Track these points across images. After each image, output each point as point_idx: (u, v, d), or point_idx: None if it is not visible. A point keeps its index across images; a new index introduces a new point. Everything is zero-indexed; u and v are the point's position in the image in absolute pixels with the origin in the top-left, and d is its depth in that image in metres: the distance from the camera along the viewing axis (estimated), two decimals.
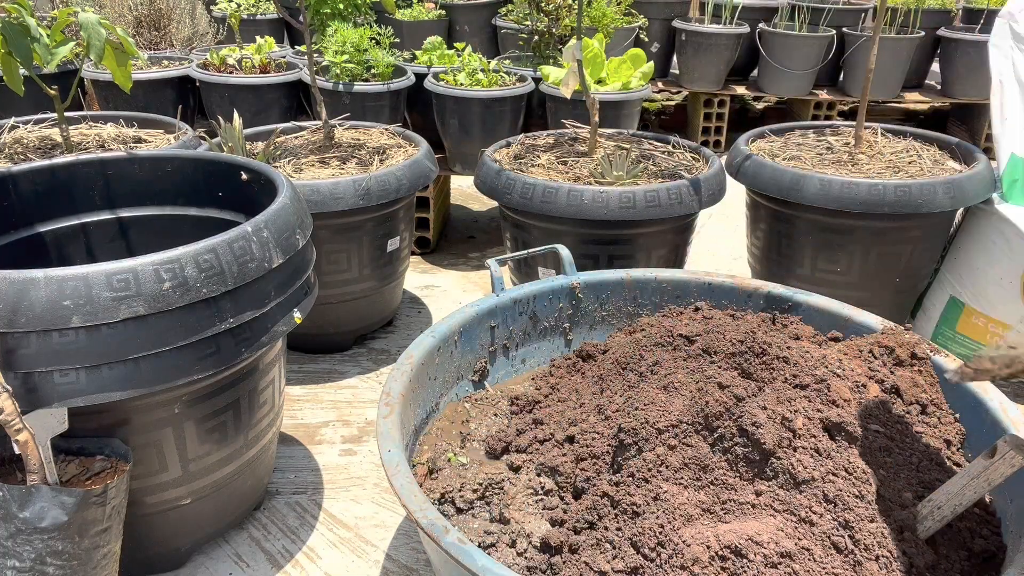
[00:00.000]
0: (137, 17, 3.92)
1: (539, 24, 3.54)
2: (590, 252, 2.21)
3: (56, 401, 1.23)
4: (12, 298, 1.18)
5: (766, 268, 2.48)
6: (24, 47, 1.78)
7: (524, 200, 2.16)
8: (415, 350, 1.44)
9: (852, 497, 1.12)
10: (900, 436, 1.28)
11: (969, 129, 4.83)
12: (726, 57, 4.48)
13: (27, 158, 2.18)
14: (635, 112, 3.25)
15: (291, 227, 1.50)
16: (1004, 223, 2.21)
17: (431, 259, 3.21)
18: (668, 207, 2.11)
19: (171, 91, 3.36)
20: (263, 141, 2.51)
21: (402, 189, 2.24)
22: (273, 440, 1.73)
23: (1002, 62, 2.46)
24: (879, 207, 2.11)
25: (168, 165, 1.84)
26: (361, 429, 2.10)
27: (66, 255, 1.79)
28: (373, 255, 2.32)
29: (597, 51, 3.11)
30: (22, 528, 1.19)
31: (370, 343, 2.53)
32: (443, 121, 3.15)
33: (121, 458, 1.35)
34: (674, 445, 1.21)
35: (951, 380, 1.10)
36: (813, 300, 1.62)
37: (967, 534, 1.14)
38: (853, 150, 2.45)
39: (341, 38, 3.11)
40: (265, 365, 1.56)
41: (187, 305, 1.29)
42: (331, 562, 1.66)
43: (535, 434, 1.41)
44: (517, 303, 1.67)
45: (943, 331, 2.40)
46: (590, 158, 2.46)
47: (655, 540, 1.07)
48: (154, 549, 1.56)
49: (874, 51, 2.33)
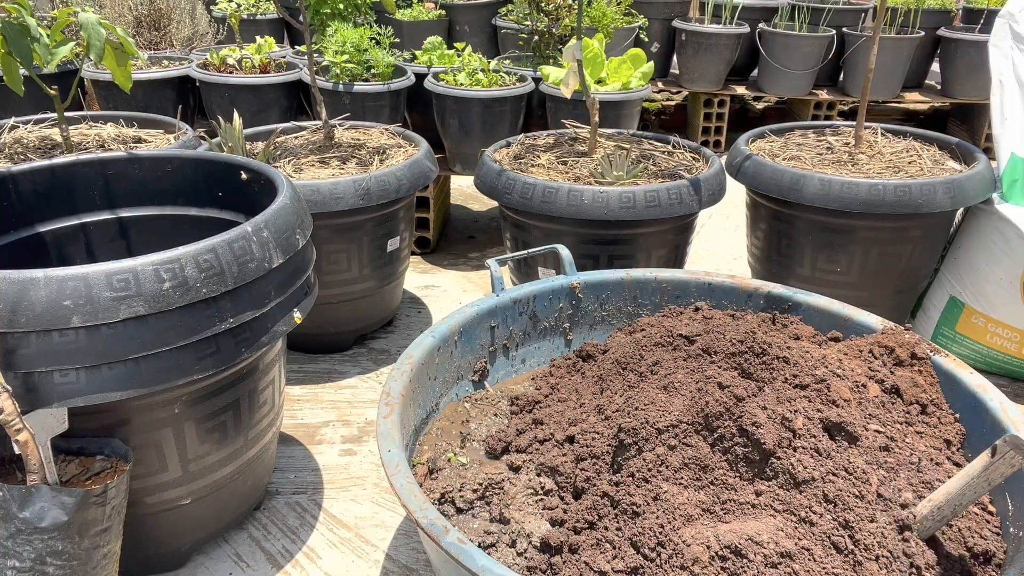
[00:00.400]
0: (137, 17, 3.93)
1: (539, 24, 3.54)
2: (590, 252, 2.21)
3: (56, 401, 1.23)
4: (12, 298, 1.18)
5: (766, 268, 2.48)
6: (24, 47, 1.78)
7: (524, 200, 2.16)
8: (415, 350, 1.44)
9: (852, 497, 1.12)
10: (900, 436, 1.28)
11: (969, 129, 4.83)
12: (726, 57, 4.48)
13: (27, 158, 2.18)
14: (635, 112, 3.25)
15: (291, 227, 1.50)
16: (1004, 223, 2.21)
17: (431, 259, 3.21)
18: (668, 207, 2.11)
19: (171, 91, 3.36)
20: (263, 141, 2.51)
21: (402, 189, 2.24)
22: (273, 440, 1.73)
23: (1002, 62, 2.46)
24: (879, 207, 2.11)
25: (168, 165, 1.84)
26: (361, 429, 2.10)
27: (66, 255, 1.79)
28: (373, 255, 2.32)
29: (597, 51, 3.11)
30: (22, 528, 1.19)
31: (370, 343, 2.53)
32: (443, 121, 3.15)
33: (121, 458, 1.35)
34: (674, 445, 1.21)
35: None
36: (813, 300, 1.62)
37: (967, 534, 1.14)
38: (853, 150, 2.45)
39: (341, 38, 3.11)
40: (265, 365, 1.56)
41: (187, 305, 1.29)
42: (331, 562, 1.66)
43: (535, 434, 1.41)
44: (517, 303, 1.67)
45: (943, 331, 2.41)
46: (590, 158, 2.46)
47: (655, 540, 1.07)
48: (154, 549, 1.56)
49: (874, 51, 2.33)
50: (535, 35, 3.58)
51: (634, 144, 2.62)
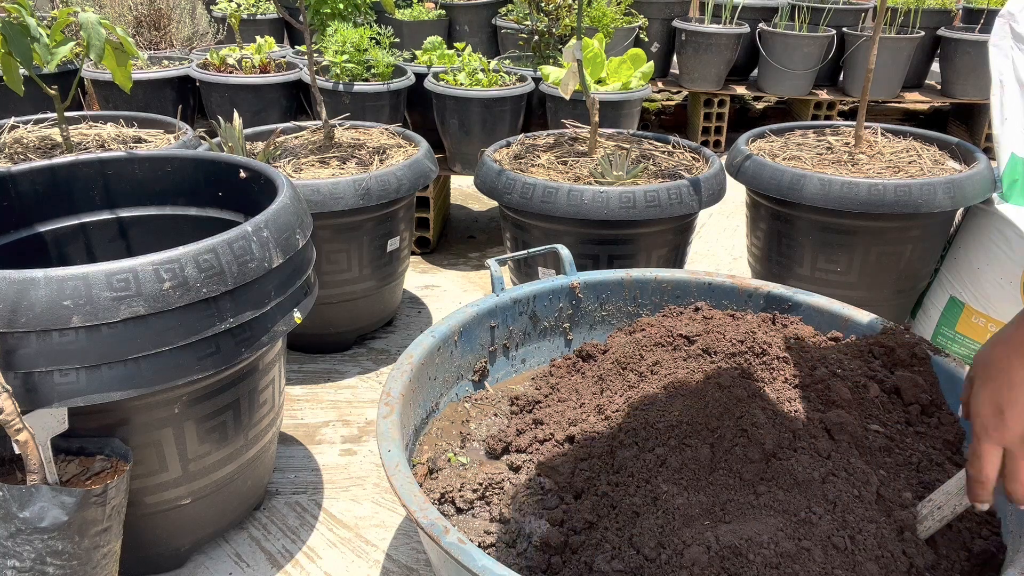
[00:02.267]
0: (137, 17, 3.92)
1: (539, 24, 3.54)
2: (590, 252, 2.21)
3: (56, 401, 1.23)
4: (12, 298, 1.18)
5: (766, 268, 2.48)
6: (24, 47, 1.78)
7: (524, 200, 2.16)
8: (415, 350, 1.44)
9: (852, 498, 1.12)
10: (900, 436, 1.28)
11: (969, 129, 4.84)
12: (726, 57, 4.48)
13: (27, 158, 2.18)
14: (635, 112, 3.25)
15: (291, 227, 1.50)
16: (1004, 223, 2.21)
17: (431, 259, 3.21)
18: (668, 207, 2.11)
19: (171, 91, 3.36)
20: (263, 141, 2.51)
21: (402, 189, 2.24)
22: (273, 440, 1.73)
23: (1002, 62, 2.46)
24: (879, 207, 2.11)
25: (168, 165, 1.84)
26: (361, 429, 2.10)
27: (66, 255, 1.79)
28: (373, 255, 2.32)
29: (597, 51, 3.11)
30: (22, 528, 1.19)
31: (370, 343, 2.53)
32: (443, 121, 3.15)
33: (121, 458, 1.35)
34: (674, 446, 1.21)
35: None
36: (813, 300, 1.62)
37: (967, 534, 1.14)
38: (853, 150, 2.45)
39: (341, 38, 3.11)
40: (265, 365, 1.56)
41: (187, 305, 1.29)
42: (331, 562, 1.66)
43: (535, 434, 1.41)
44: (517, 303, 1.67)
45: (943, 331, 2.40)
46: (590, 158, 2.46)
47: (655, 540, 1.07)
48: (154, 549, 1.56)
49: (874, 51, 2.33)
50: (535, 35, 3.58)
51: (634, 144, 2.62)
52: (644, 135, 2.70)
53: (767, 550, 1.03)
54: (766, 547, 1.03)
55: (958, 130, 4.88)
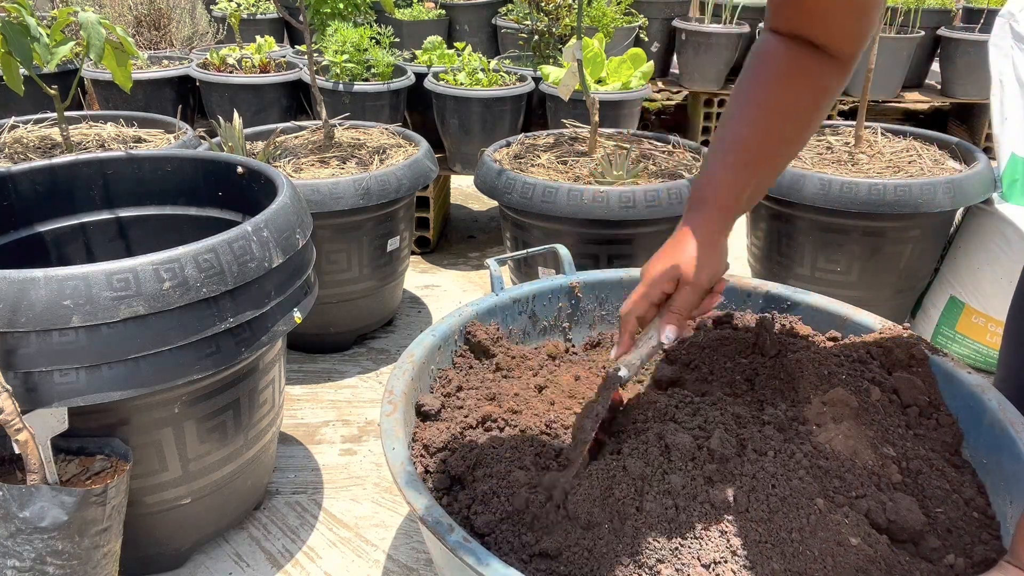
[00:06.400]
0: (137, 17, 3.93)
1: (539, 24, 3.54)
2: (590, 252, 2.21)
3: (56, 401, 1.23)
4: (12, 298, 1.18)
5: (766, 268, 2.48)
6: (24, 47, 1.78)
7: (524, 200, 2.16)
8: (416, 349, 1.44)
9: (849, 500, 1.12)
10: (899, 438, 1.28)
11: (969, 129, 4.83)
12: (726, 57, 4.48)
13: (27, 158, 2.18)
14: (635, 112, 3.25)
15: (291, 227, 1.50)
16: (1004, 223, 2.21)
17: (431, 259, 3.21)
18: (668, 207, 2.11)
19: (171, 91, 3.36)
20: (263, 141, 2.51)
21: (402, 189, 2.24)
22: (273, 440, 1.73)
23: (1002, 62, 2.46)
24: (879, 207, 2.11)
25: (168, 165, 1.84)
26: (361, 429, 2.10)
27: (66, 255, 1.79)
28: (373, 255, 2.32)
29: (597, 51, 3.11)
30: (22, 528, 1.19)
31: (370, 343, 2.53)
32: (443, 121, 3.15)
33: (121, 458, 1.35)
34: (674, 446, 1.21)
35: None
36: (812, 299, 1.62)
37: (967, 539, 1.13)
38: (853, 150, 2.45)
39: (341, 38, 3.11)
40: (265, 365, 1.56)
41: (187, 305, 1.29)
42: (331, 562, 1.66)
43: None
44: (517, 302, 1.67)
45: (943, 331, 2.41)
46: (590, 158, 2.46)
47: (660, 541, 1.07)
48: (154, 549, 1.56)
49: (874, 51, 2.33)
50: (535, 35, 3.58)
51: (634, 144, 2.62)
52: (644, 135, 2.70)
53: (763, 550, 1.03)
54: (763, 547, 1.03)
55: (958, 130, 4.88)
